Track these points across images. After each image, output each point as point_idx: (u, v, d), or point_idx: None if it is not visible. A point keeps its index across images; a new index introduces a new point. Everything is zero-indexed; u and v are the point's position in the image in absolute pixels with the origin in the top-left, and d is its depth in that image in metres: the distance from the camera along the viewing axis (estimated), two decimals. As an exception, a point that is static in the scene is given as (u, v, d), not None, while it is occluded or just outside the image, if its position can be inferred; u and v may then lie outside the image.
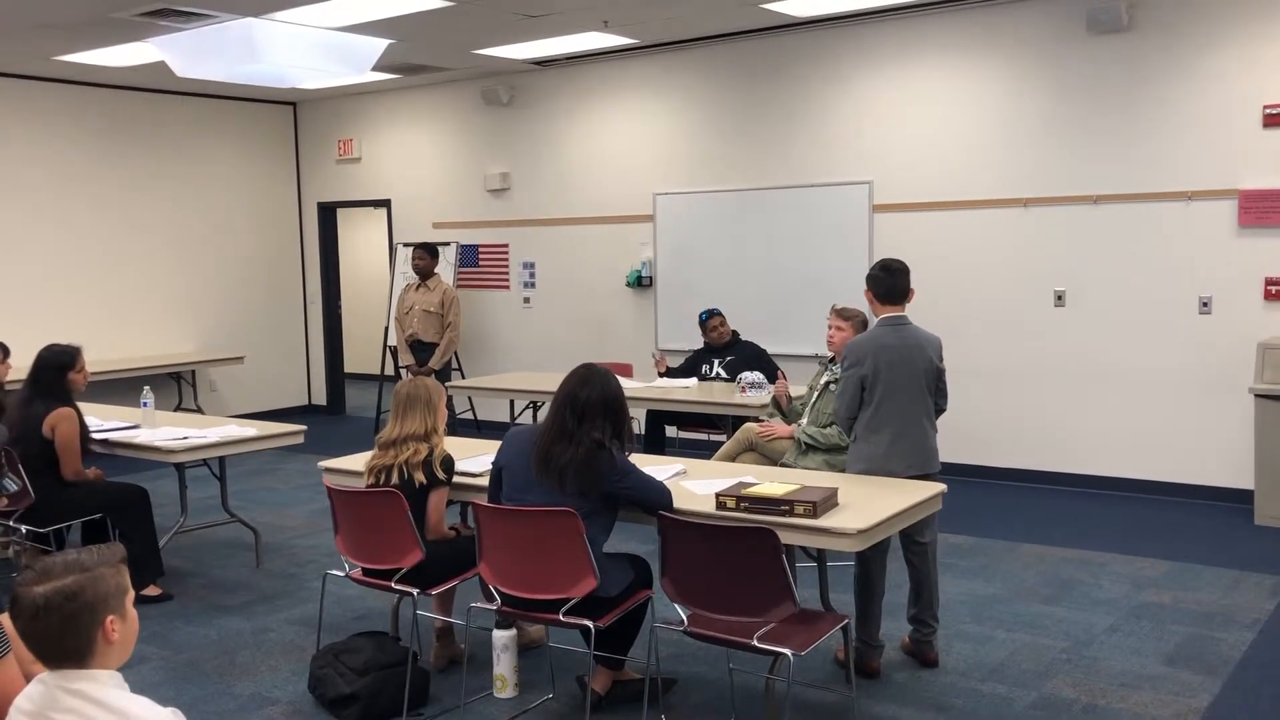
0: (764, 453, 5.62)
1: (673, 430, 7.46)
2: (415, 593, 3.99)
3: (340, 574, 4.24)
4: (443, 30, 7.60)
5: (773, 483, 3.91)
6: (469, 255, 9.96)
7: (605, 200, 9.12)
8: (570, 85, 9.21)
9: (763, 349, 7.25)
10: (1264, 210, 6.49)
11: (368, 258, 12.95)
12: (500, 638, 4.07)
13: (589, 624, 3.59)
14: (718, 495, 3.76)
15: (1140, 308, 6.94)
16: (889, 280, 4.34)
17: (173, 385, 9.89)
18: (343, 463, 4.77)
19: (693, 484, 4.10)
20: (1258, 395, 6.25)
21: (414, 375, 7.41)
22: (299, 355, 11.31)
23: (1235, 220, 6.59)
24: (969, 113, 7.42)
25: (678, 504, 3.75)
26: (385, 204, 10.64)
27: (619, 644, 3.90)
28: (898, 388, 4.22)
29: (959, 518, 6.33)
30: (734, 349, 7.26)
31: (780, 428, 5.55)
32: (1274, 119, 6.44)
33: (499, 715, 4.01)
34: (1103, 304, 7.06)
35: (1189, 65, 6.67)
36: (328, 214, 11.17)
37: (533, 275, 9.65)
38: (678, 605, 3.59)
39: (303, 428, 5.95)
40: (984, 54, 7.34)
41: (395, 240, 10.38)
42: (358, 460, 4.67)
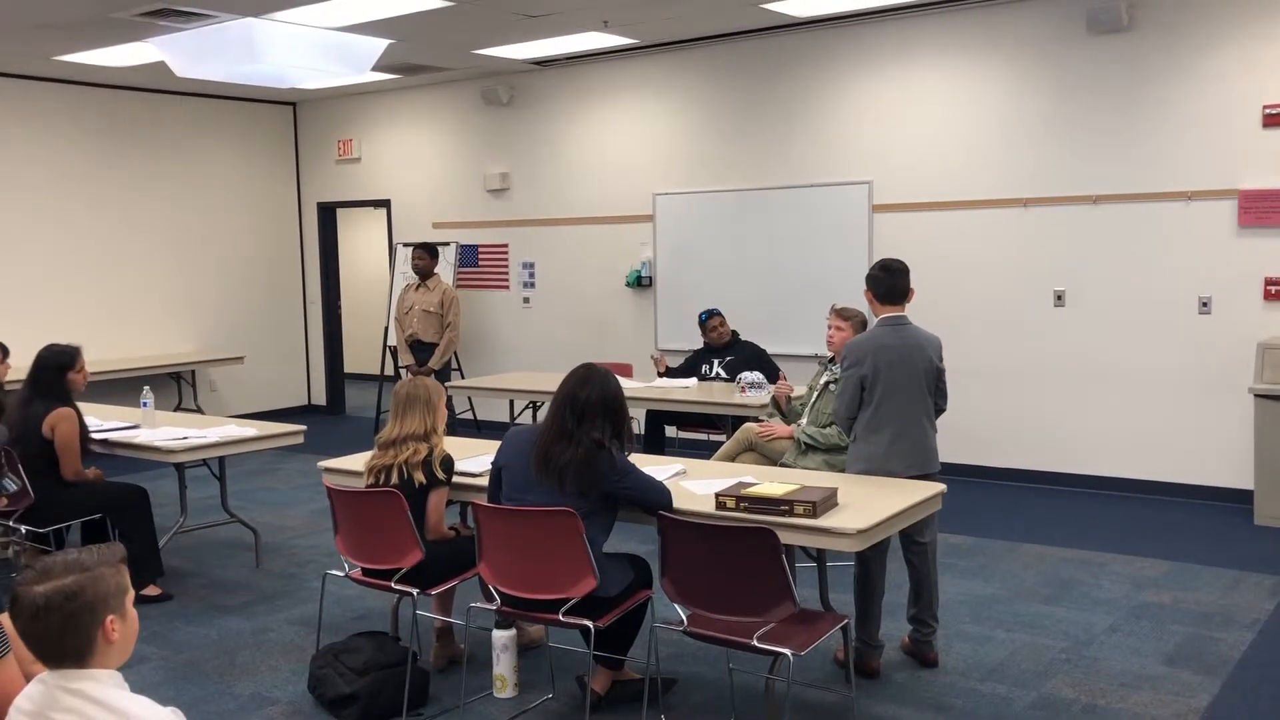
0: (764, 453, 5.62)
1: (672, 430, 7.46)
2: (415, 593, 3.99)
3: (340, 574, 4.24)
4: (442, 30, 7.60)
5: (772, 483, 3.91)
6: (469, 255, 9.97)
7: (605, 200, 9.12)
8: (570, 85, 9.21)
9: (762, 349, 7.25)
10: (1264, 210, 6.49)
11: (367, 258, 12.95)
12: (500, 638, 4.07)
13: (589, 624, 3.59)
14: (717, 495, 3.76)
15: (1140, 308, 6.94)
16: (889, 280, 4.34)
17: (172, 385, 9.89)
18: (342, 463, 4.77)
19: (692, 484, 4.10)
20: (1257, 395, 6.25)
21: (414, 375, 7.42)
22: (299, 355, 11.31)
23: (1235, 220, 6.59)
24: (969, 113, 7.43)
25: (677, 504, 3.75)
26: (385, 204, 10.64)
27: (619, 644, 3.90)
28: (897, 388, 4.22)
29: (959, 518, 6.33)
30: (734, 349, 7.27)
31: (780, 428, 5.55)
32: (1274, 119, 6.44)
33: (499, 715, 4.01)
34: (1103, 304, 7.06)
35: (1189, 65, 6.67)
36: (327, 214, 11.18)
37: (532, 275, 9.65)
38: (677, 605, 3.59)
39: (302, 428, 5.95)
40: (984, 54, 7.34)
41: (395, 240, 10.38)
42: (357, 460, 4.67)
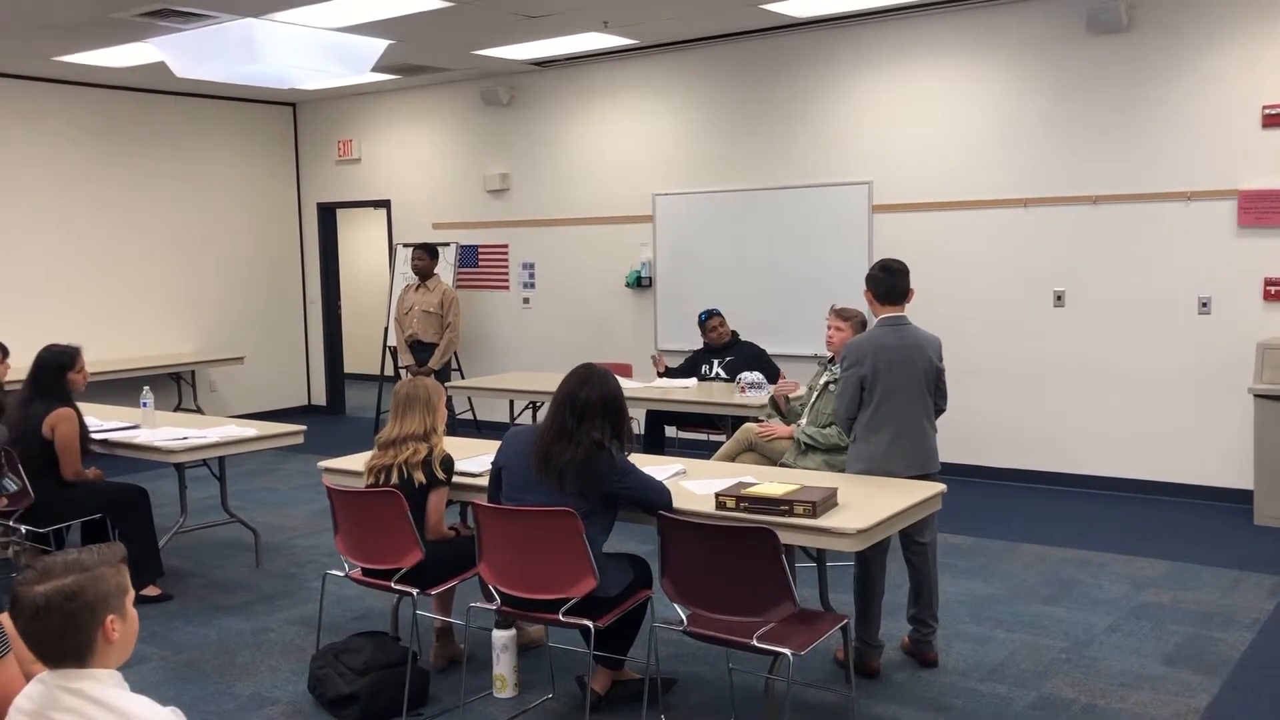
0: (763, 453, 5.62)
1: (672, 430, 7.46)
2: (415, 593, 3.99)
3: (340, 574, 4.24)
4: (442, 31, 7.60)
5: (772, 483, 3.91)
6: (469, 256, 9.97)
7: (605, 201, 9.12)
8: (570, 86, 9.21)
9: (762, 349, 7.26)
10: (1264, 210, 6.49)
11: (367, 258, 12.95)
12: (500, 638, 4.07)
13: (588, 624, 3.59)
14: (717, 495, 3.76)
15: (1140, 308, 6.94)
16: (888, 280, 4.34)
17: (172, 385, 9.89)
18: (342, 463, 4.77)
19: (692, 484, 4.10)
20: (1257, 395, 6.25)
21: (414, 375, 7.41)
22: (299, 355, 11.31)
23: (1235, 220, 6.59)
24: (969, 113, 7.43)
25: (677, 504, 3.75)
26: (385, 204, 10.64)
27: (619, 644, 3.90)
28: (897, 388, 4.22)
29: (959, 518, 6.33)
30: (733, 349, 7.27)
31: (780, 428, 5.55)
32: (1273, 119, 6.44)
33: (499, 715, 4.01)
34: (1102, 304, 7.06)
35: (1189, 65, 6.67)
36: (327, 214, 11.18)
37: (532, 276, 9.65)
38: (677, 605, 3.59)
39: (302, 428, 5.95)
40: (984, 54, 7.34)
41: (395, 241, 10.38)
42: (357, 460, 4.67)
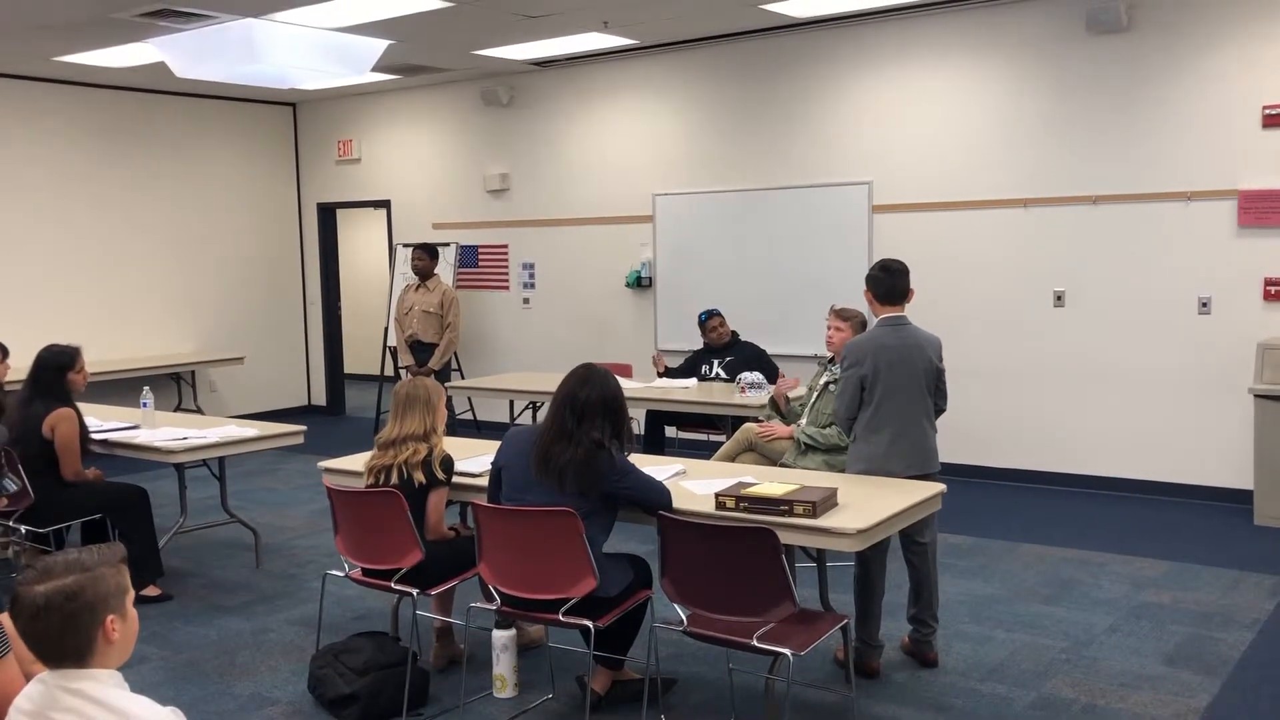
0: (763, 453, 5.62)
1: (672, 430, 7.46)
2: (415, 593, 3.99)
3: (340, 574, 4.24)
4: (442, 31, 7.60)
5: (772, 483, 3.91)
6: (469, 256, 9.97)
7: (605, 201, 9.12)
8: (570, 86, 9.21)
9: (762, 349, 7.26)
10: (1263, 210, 6.49)
11: (367, 258, 12.95)
12: (500, 638, 4.07)
13: (588, 624, 3.59)
14: (717, 495, 3.76)
15: (1140, 308, 6.94)
16: (888, 280, 4.34)
17: (172, 386, 9.89)
18: (342, 463, 4.77)
19: (692, 484, 4.10)
20: (1257, 395, 6.25)
21: (413, 375, 7.41)
22: (299, 356, 11.31)
23: (1235, 220, 6.59)
24: (969, 113, 7.43)
25: (677, 504, 3.75)
26: (385, 204, 10.64)
27: (619, 644, 3.90)
28: (897, 388, 4.22)
29: (958, 518, 6.33)
30: (733, 349, 7.27)
31: (780, 428, 5.55)
32: (1273, 119, 6.44)
33: (499, 715, 4.01)
34: (1102, 304, 7.06)
35: (1189, 65, 6.67)
36: (327, 214, 11.18)
37: (532, 276, 9.65)
38: (677, 605, 3.59)
39: (302, 428, 5.95)
40: (984, 54, 7.34)
41: (395, 241, 10.38)
42: (357, 460, 4.67)
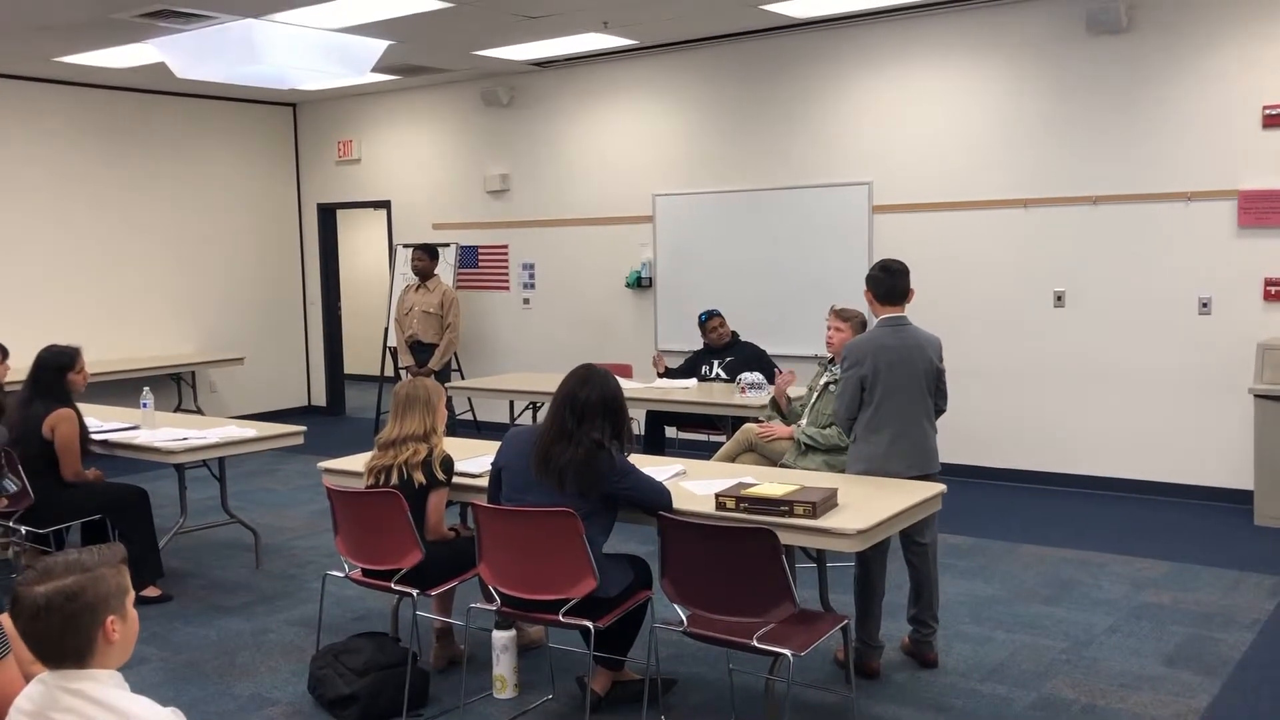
0: (764, 453, 5.62)
1: (672, 431, 7.46)
2: (415, 593, 3.99)
3: (340, 575, 4.24)
4: (442, 31, 7.60)
5: (772, 483, 3.91)
6: (469, 256, 9.97)
7: (605, 201, 9.12)
8: (570, 86, 9.21)
9: (762, 350, 7.26)
10: (1264, 210, 6.49)
11: (367, 259, 12.95)
12: (500, 638, 4.07)
13: (589, 624, 3.59)
14: (717, 496, 3.76)
15: (1140, 308, 6.94)
16: (889, 281, 4.34)
17: (172, 386, 9.89)
18: (342, 463, 4.77)
19: (692, 484, 4.10)
20: (1257, 395, 6.25)
21: (413, 376, 7.40)
22: (299, 356, 11.31)
23: (1235, 220, 6.59)
24: (969, 113, 7.43)
25: (677, 504, 3.75)
26: (385, 205, 10.64)
27: (619, 644, 3.90)
28: (897, 388, 4.22)
29: (958, 518, 6.33)
30: (733, 350, 7.27)
31: (780, 429, 5.55)
32: (1274, 119, 6.44)
33: (499, 716, 4.01)
34: (1102, 304, 7.06)
35: (1189, 65, 6.67)
36: (327, 215, 11.18)
37: (532, 276, 9.65)
38: (677, 606, 3.59)
39: (302, 429, 5.95)
40: (984, 54, 7.34)
41: (395, 241, 10.38)
42: (357, 461, 4.67)
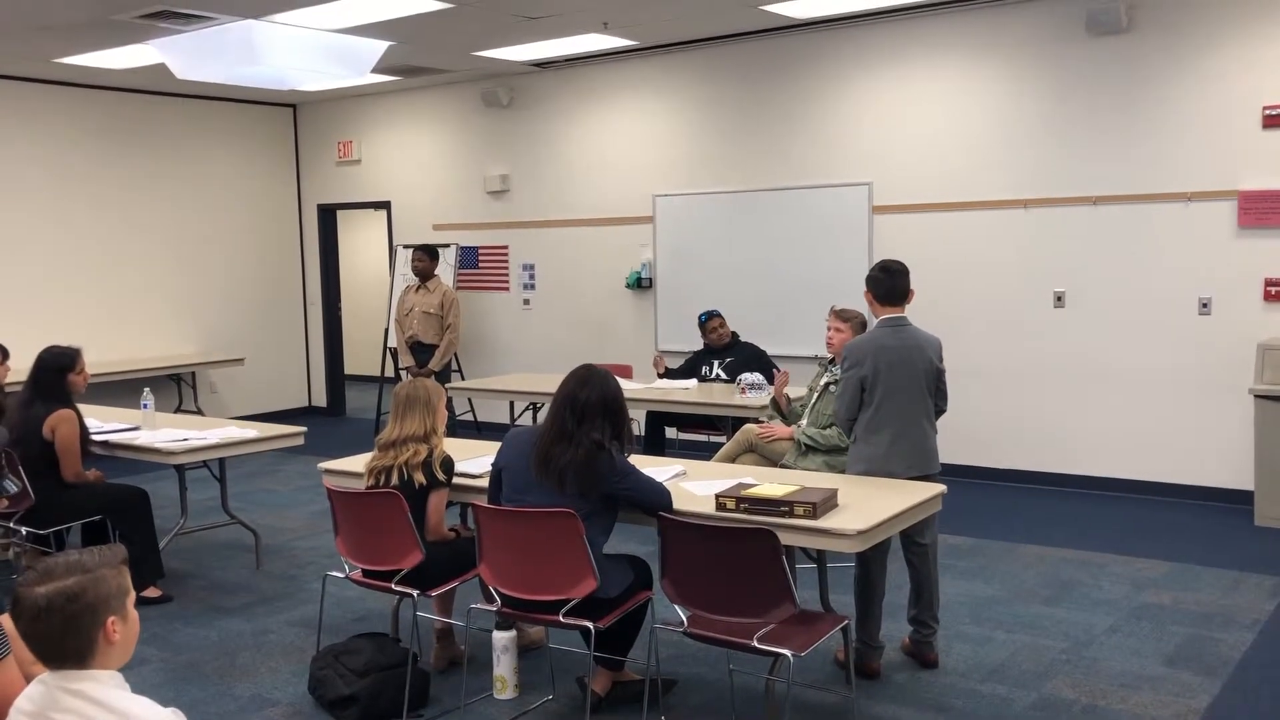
0: (764, 454, 5.62)
1: (672, 431, 7.46)
2: (415, 594, 3.99)
3: (340, 575, 4.24)
4: (442, 32, 7.61)
5: (772, 484, 3.91)
6: (469, 257, 9.97)
7: (605, 202, 9.12)
8: (570, 87, 9.21)
9: (762, 350, 7.26)
10: (1264, 211, 6.50)
11: (367, 260, 12.96)
12: (500, 639, 4.07)
13: (589, 625, 3.59)
14: (717, 496, 3.76)
15: (1140, 308, 6.94)
16: (889, 281, 4.35)
17: (173, 387, 9.89)
18: (343, 464, 4.77)
19: (692, 485, 4.10)
20: (1257, 396, 6.25)
21: (414, 376, 7.42)
22: (299, 357, 11.32)
23: (1235, 221, 6.59)
24: (969, 113, 7.43)
25: (678, 505, 3.75)
26: (385, 206, 10.64)
27: (619, 645, 3.90)
28: (897, 389, 4.22)
29: (959, 518, 6.33)
30: (734, 350, 7.27)
31: (780, 429, 5.55)
32: (1274, 120, 6.44)
33: (499, 716, 4.01)
34: (1102, 304, 7.06)
35: (1189, 66, 6.68)
36: (328, 216, 11.18)
37: (532, 277, 9.65)
38: (678, 606, 3.59)
39: (303, 429, 5.95)
40: (984, 54, 7.34)
41: (395, 242, 10.38)
42: (357, 462, 4.67)
